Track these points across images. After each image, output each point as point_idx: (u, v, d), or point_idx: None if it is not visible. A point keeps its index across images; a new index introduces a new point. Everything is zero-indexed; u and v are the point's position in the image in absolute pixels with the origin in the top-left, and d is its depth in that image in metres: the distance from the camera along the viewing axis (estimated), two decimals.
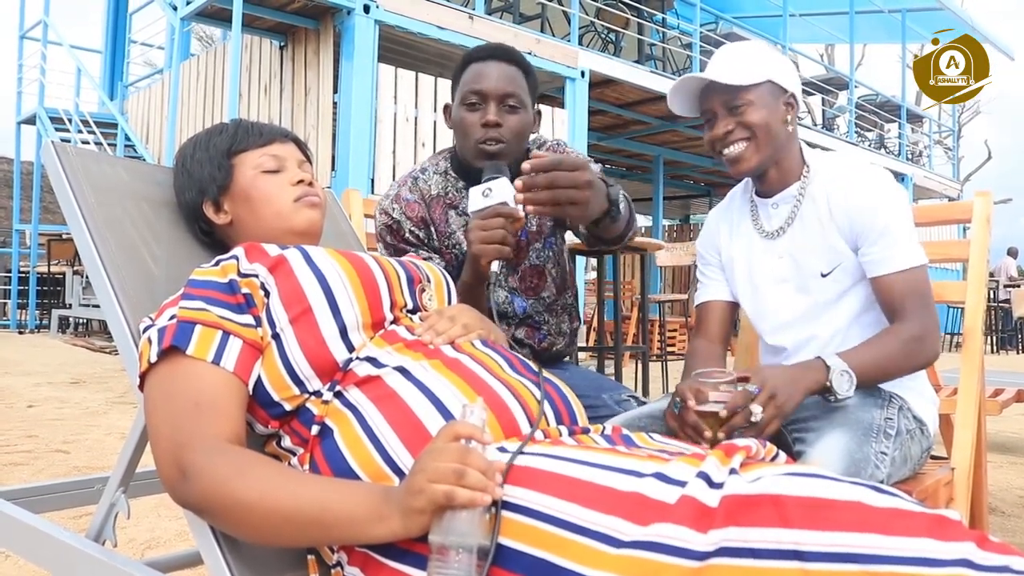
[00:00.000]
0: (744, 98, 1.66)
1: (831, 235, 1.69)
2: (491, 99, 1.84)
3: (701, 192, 16.78)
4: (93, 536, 1.41)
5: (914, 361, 1.61)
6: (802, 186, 1.73)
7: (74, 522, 2.55)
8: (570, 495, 0.95)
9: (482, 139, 1.83)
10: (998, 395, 3.08)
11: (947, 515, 0.85)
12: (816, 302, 1.73)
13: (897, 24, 14.72)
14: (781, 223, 1.76)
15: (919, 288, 1.62)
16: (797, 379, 1.47)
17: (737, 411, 1.39)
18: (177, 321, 1.18)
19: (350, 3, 6.95)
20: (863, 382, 1.53)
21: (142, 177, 1.57)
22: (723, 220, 1.91)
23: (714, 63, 1.71)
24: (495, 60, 1.87)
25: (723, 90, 1.66)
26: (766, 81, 1.67)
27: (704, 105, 1.73)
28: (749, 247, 1.82)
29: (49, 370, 7.01)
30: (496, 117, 1.82)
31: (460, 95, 1.88)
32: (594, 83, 9.21)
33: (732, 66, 1.67)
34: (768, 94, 1.68)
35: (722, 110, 1.68)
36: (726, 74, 1.65)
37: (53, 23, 11.35)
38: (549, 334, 2.07)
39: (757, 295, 1.81)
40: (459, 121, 1.88)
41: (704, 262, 1.93)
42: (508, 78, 1.85)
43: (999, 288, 14.06)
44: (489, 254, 1.54)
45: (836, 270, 1.69)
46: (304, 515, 1.01)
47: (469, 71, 1.88)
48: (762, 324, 1.84)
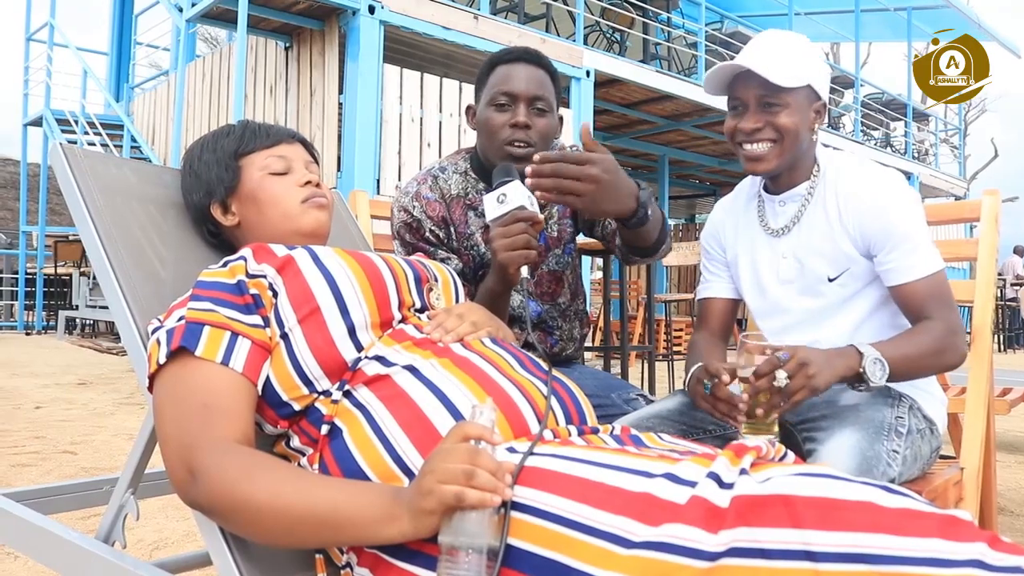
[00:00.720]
0: (782, 99, 1.61)
1: (840, 239, 1.66)
2: (521, 101, 1.84)
3: (707, 191, 16.76)
4: (102, 537, 1.41)
5: (944, 359, 1.58)
6: (811, 185, 1.71)
7: (83, 523, 2.55)
8: (580, 496, 0.95)
9: (510, 140, 1.83)
10: (1006, 394, 3.07)
11: (958, 515, 0.85)
12: (822, 306, 1.71)
13: (902, 22, 14.67)
14: (787, 221, 1.74)
15: (941, 292, 1.61)
16: (831, 359, 1.45)
17: (763, 376, 1.38)
18: (186, 322, 1.18)
19: (355, 4, 6.95)
20: (893, 375, 1.50)
21: (149, 178, 1.58)
22: (728, 214, 1.90)
23: (757, 51, 1.64)
24: (524, 63, 1.87)
25: (762, 84, 1.61)
26: (805, 86, 1.63)
27: (736, 92, 1.67)
28: (753, 243, 1.80)
29: (56, 371, 7.02)
30: (526, 119, 1.83)
31: (488, 96, 1.87)
32: (599, 83, 9.20)
33: (777, 61, 1.61)
34: (804, 99, 1.64)
35: (755, 104, 1.63)
36: (771, 69, 1.59)
37: (59, 25, 11.38)
38: (561, 339, 2.07)
39: (762, 294, 1.80)
40: (485, 121, 1.87)
41: (708, 256, 1.92)
42: (537, 81, 1.86)
43: (1006, 286, 14.02)
44: (517, 261, 1.52)
45: (844, 275, 1.67)
46: (313, 516, 1.01)
47: (498, 73, 1.87)
48: (765, 324, 1.83)
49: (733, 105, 1.68)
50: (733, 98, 1.68)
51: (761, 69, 1.59)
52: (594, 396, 1.64)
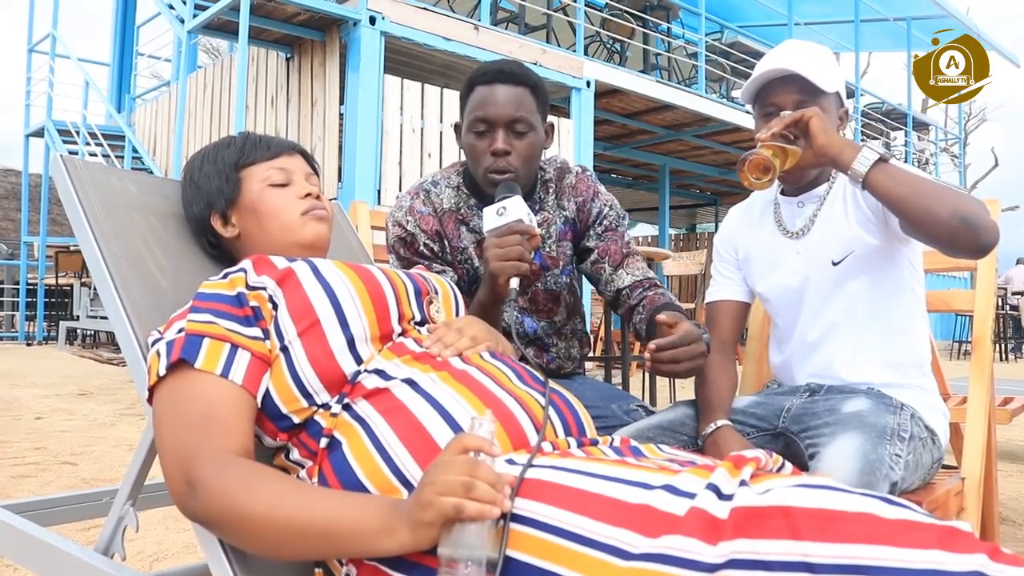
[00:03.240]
0: (820, 103, 1.63)
1: (850, 222, 1.68)
2: (498, 126, 1.80)
3: (708, 201, 16.77)
4: (102, 549, 1.41)
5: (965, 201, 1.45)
6: (830, 186, 1.74)
7: (83, 534, 2.55)
8: (579, 507, 0.95)
9: (492, 168, 1.81)
10: (1008, 403, 3.06)
11: (958, 526, 0.85)
12: (825, 291, 1.73)
13: (902, 32, 14.71)
14: (805, 222, 1.76)
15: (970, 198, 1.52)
16: (844, 142, 1.51)
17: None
18: (185, 334, 1.18)
19: (356, 15, 6.98)
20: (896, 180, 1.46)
21: (150, 190, 1.58)
22: (744, 217, 1.91)
23: (791, 56, 1.65)
24: (500, 83, 1.81)
25: (801, 88, 1.62)
26: (835, 92, 1.66)
27: (772, 98, 1.67)
28: (769, 246, 1.82)
29: (57, 382, 7.02)
30: (504, 144, 1.79)
31: (468, 121, 1.84)
32: (600, 93, 9.22)
33: (815, 66, 1.62)
34: (834, 105, 1.67)
35: (793, 108, 1.63)
36: (812, 72, 1.60)
37: (61, 36, 11.44)
38: (558, 357, 2.07)
39: (776, 294, 1.81)
40: (468, 147, 1.86)
41: (720, 259, 1.92)
42: (515, 101, 1.81)
43: (1007, 295, 14.01)
44: (507, 271, 1.54)
45: (848, 258, 1.69)
46: (313, 528, 1.01)
47: (475, 95, 1.83)
48: (779, 319, 1.86)
49: (766, 112, 1.68)
50: (768, 104, 1.68)
51: (804, 71, 1.61)
52: (594, 407, 1.65)
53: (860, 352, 1.72)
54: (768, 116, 1.67)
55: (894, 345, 1.72)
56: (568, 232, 2.01)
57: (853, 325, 1.72)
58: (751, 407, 1.76)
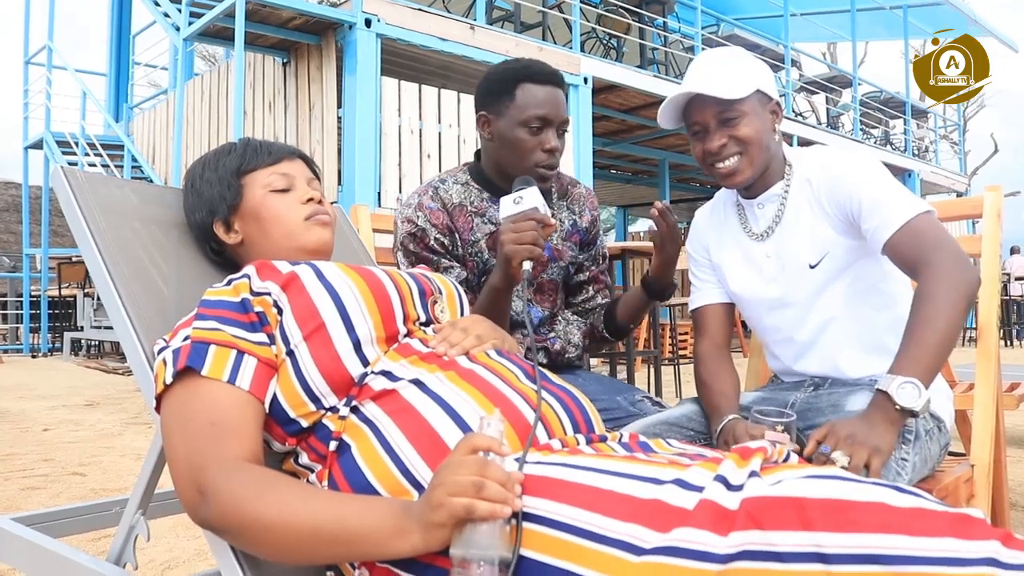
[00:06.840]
0: (737, 111, 1.64)
1: (820, 224, 1.68)
2: (553, 125, 1.91)
3: (707, 195, 16.74)
4: (114, 560, 1.41)
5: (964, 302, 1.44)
6: (786, 184, 1.74)
7: (93, 544, 2.55)
8: (590, 504, 0.95)
9: (543, 163, 1.91)
10: (1014, 389, 3.05)
11: (971, 513, 0.85)
12: (807, 294, 1.72)
13: (899, 20, 14.69)
14: (769, 223, 1.75)
15: (927, 233, 1.51)
16: (869, 416, 1.38)
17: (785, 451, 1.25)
18: (191, 342, 1.18)
19: (351, 18, 6.98)
20: (931, 368, 1.41)
21: (151, 198, 1.58)
22: (711, 218, 1.91)
23: (699, 74, 1.68)
24: (552, 85, 1.93)
25: (714, 103, 1.64)
26: (755, 92, 1.66)
27: (693, 118, 1.71)
28: (738, 251, 1.82)
29: (63, 393, 7.03)
30: (556, 144, 1.92)
31: (520, 116, 1.89)
32: (597, 89, 9.22)
33: (721, 77, 1.65)
34: (757, 104, 1.67)
35: (713, 123, 1.66)
36: (716, 87, 1.63)
37: (57, 48, 11.45)
38: (559, 339, 2.09)
39: (752, 301, 1.81)
40: (515, 141, 1.90)
41: (696, 263, 1.92)
42: (564, 104, 1.95)
43: (1010, 281, 14.00)
44: (521, 254, 1.60)
45: (824, 260, 1.68)
46: (324, 532, 1.01)
47: (527, 92, 1.90)
48: (757, 327, 1.86)
49: (694, 131, 1.72)
50: (692, 124, 1.72)
51: (708, 89, 1.63)
52: (599, 400, 1.68)
53: (855, 346, 1.71)
54: (696, 135, 1.71)
55: (888, 332, 1.71)
56: (575, 235, 2.12)
57: (842, 321, 1.71)
58: (757, 403, 1.75)
